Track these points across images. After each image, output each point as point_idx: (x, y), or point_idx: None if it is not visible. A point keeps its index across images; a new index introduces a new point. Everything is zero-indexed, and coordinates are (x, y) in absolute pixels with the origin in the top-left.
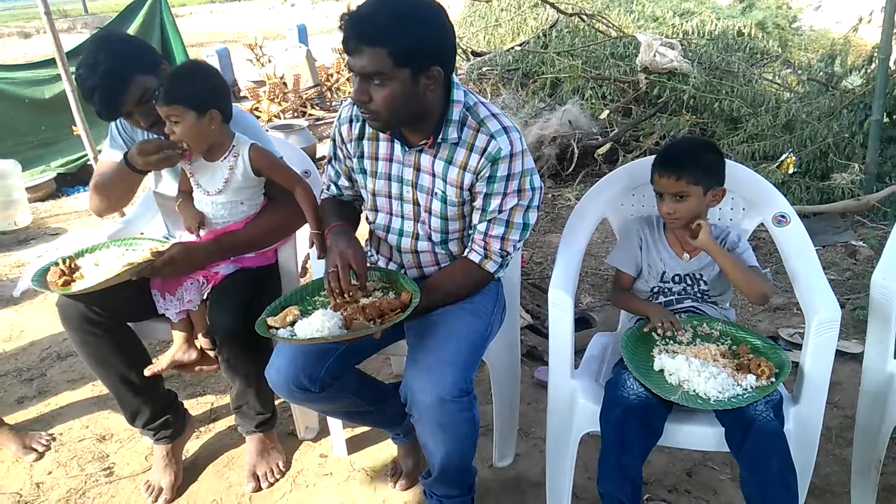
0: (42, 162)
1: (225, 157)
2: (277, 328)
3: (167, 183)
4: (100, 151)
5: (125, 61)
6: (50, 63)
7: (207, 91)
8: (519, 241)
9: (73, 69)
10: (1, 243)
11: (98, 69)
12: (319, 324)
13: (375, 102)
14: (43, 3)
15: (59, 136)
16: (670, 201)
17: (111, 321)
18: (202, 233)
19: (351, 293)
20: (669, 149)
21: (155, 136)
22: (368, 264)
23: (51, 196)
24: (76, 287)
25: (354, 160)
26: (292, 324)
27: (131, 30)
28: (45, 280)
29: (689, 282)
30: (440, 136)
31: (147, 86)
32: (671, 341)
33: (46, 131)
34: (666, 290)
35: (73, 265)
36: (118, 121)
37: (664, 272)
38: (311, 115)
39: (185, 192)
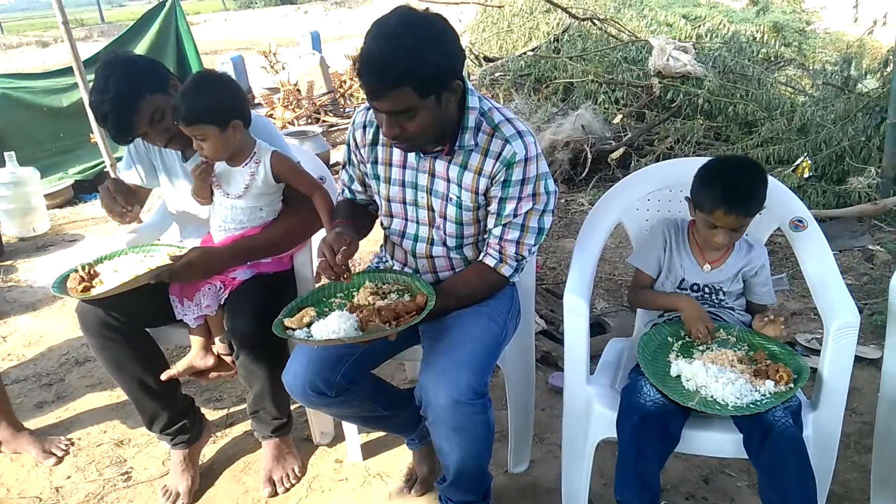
0: (60, 169)
1: (246, 164)
2: (294, 329)
3: (177, 197)
4: (117, 159)
5: (133, 84)
6: (67, 72)
7: (226, 103)
8: (534, 245)
9: (89, 77)
10: (20, 250)
11: (108, 95)
12: (335, 325)
13: (407, 132)
14: (60, 13)
15: (77, 143)
16: (727, 233)
17: (130, 327)
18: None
19: (340, 274)
20: (732, 185)
21: (173, 151)
22: (383, 268)
23: (68, 203)
24: (95, 292)
25: (368, 165)
26: (309, 325)
27: (147, 38)
28: (65, 286)
29: (707, 291)
30: (457, 143)
31: (157, 105)
32: (689, 346)
33: (64, 139)
34: None
35: (92, 272)
36: (134, 143)
37: (683, 279)
38: (324, 121)
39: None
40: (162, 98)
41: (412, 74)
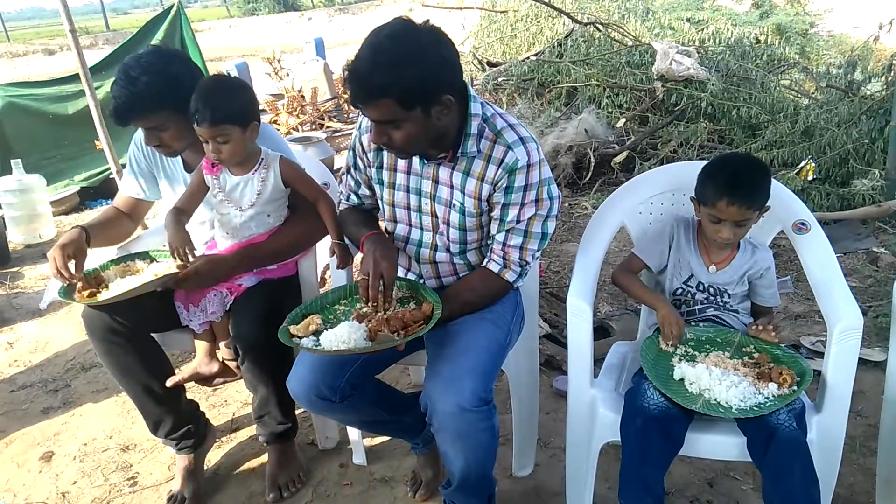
0: (66, 176)
1: (256, 170)
2: (300, 337)
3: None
4: (123, 165)
5: (160, 99)
6: (73, 79)
7: (246, 104)
8: (538, 250)
9: (96, 85)
10: (26, 256)
11: (132, 88)
12: (345, 335)
13: (395, 141)
14: (68, 21)
15: (83, 150)
16: (731, 227)
17: (135, 332)
18: (191, 258)
19: (376, 303)
20: (734, 176)
21: (177, 161)
22: None
23: (74, 209)
24: (102, 298)
25: (373, 170)
26: (315, 333)
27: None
28: (72, 292)
29: (711, 292)
30: (460, 150)
31: (168, 120)
32: (692, 349)
33: (70, 146)
34: (689, 299)
35: (98, 277)
36: (135, 156)
37: (692, 275)
38: (328, 127)
39: (183, 211)
40: (178, 118)
41: (391, 88)
